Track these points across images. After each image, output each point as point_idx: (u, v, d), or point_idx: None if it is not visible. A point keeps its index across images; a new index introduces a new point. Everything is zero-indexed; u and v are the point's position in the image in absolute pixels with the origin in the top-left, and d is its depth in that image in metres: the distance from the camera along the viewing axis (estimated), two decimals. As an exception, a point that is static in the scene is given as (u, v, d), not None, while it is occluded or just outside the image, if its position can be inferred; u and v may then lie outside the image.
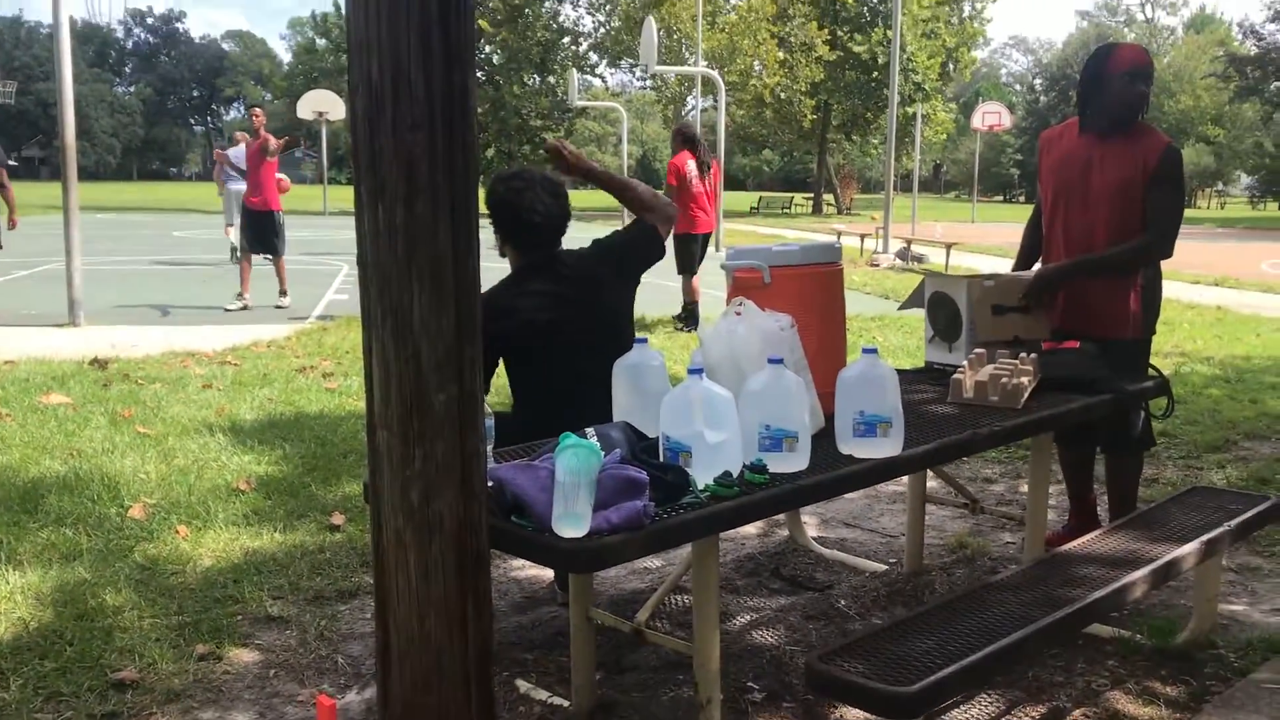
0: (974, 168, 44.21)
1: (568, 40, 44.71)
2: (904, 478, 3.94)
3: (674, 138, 10.47)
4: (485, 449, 1.94)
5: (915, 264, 17.71)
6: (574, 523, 2.03)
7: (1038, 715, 2.84)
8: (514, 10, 40.65)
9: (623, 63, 45.91)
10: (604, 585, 3.70)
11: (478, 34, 36.39)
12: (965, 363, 3.30)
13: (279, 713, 2.85)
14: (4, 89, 59.53)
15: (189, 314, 10.64)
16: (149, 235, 23.01)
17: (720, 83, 24.11)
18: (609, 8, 45.31)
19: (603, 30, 45.70)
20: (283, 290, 11.31)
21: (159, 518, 4.25)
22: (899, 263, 17.85)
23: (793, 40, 42.41)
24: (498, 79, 41.49)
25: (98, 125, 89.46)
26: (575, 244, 3.51)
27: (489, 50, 41.42)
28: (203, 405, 6.22)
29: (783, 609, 3.55)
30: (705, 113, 35.04)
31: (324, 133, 34.56)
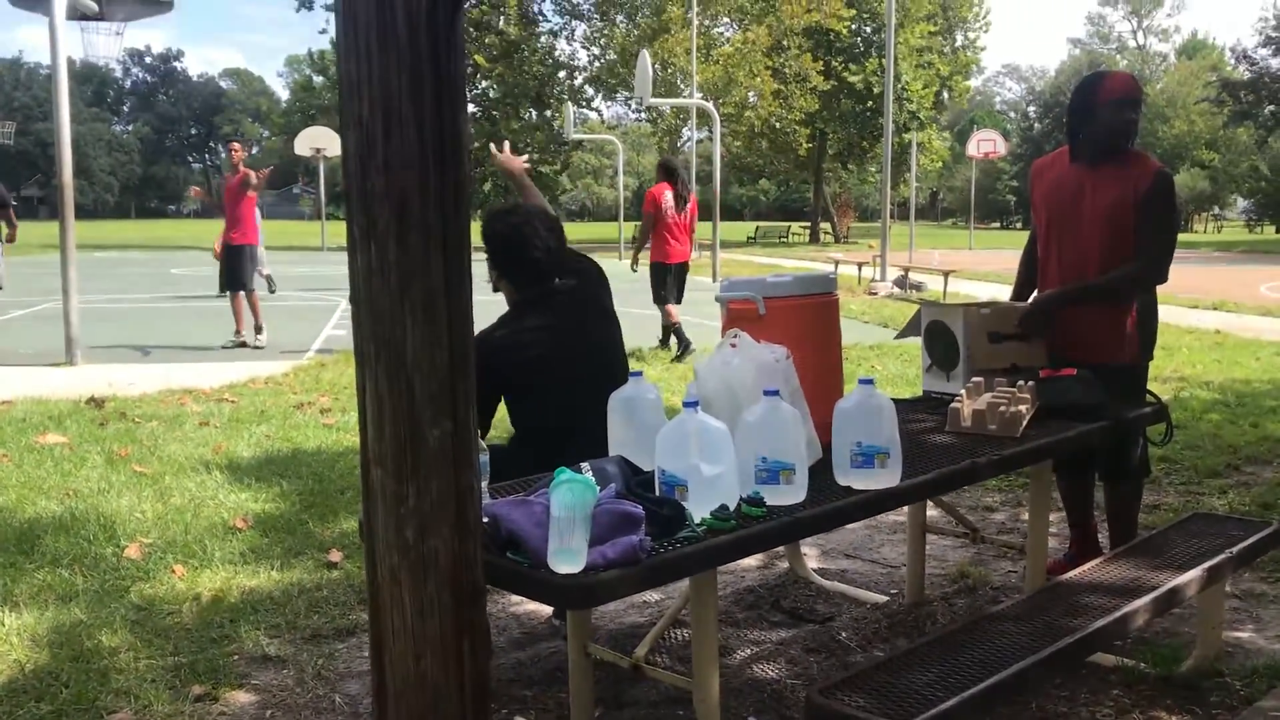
0: (970, 195, 44.39)
1: (563, 74, 45.00)
2: (904, 507, 3.92)
3: (657, 169, 10.96)
4: (480, 484, 1.93)
5: (913, 292, 17.74)
6: (569, 558, 2.02)
7: (1042, 747, 2.81)
8: (510, 45, 40.91)
9: (618, 95, 46.15)
10: (603, 620, 3.68)
11: (474, 69, 36.29)
12: (963, 391, 3.29)
13: (276, 754, 2.82)
14: (3, 129, 59.82)
15: (186, 352, 10.64)
16: (147, 273, 23.06)
17: (715, 114, 24.24)
18: (604, 41, 45.62)
19: (598, 64, 45.98)
20: (258, 324, 10.88)
21: (155, 557, 4.23)
22: (897, 291, 17.88)
23: (787, 71, 42.67)
24: (494, 113, 41.69)
25: (96, 164, 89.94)
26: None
27: (485, 85, 41.65)
28: (200, 443, 6.21)
29: (783, 642, 3.53)
30: (701, 144, 35.16)
31: (322, 169, 34.72)
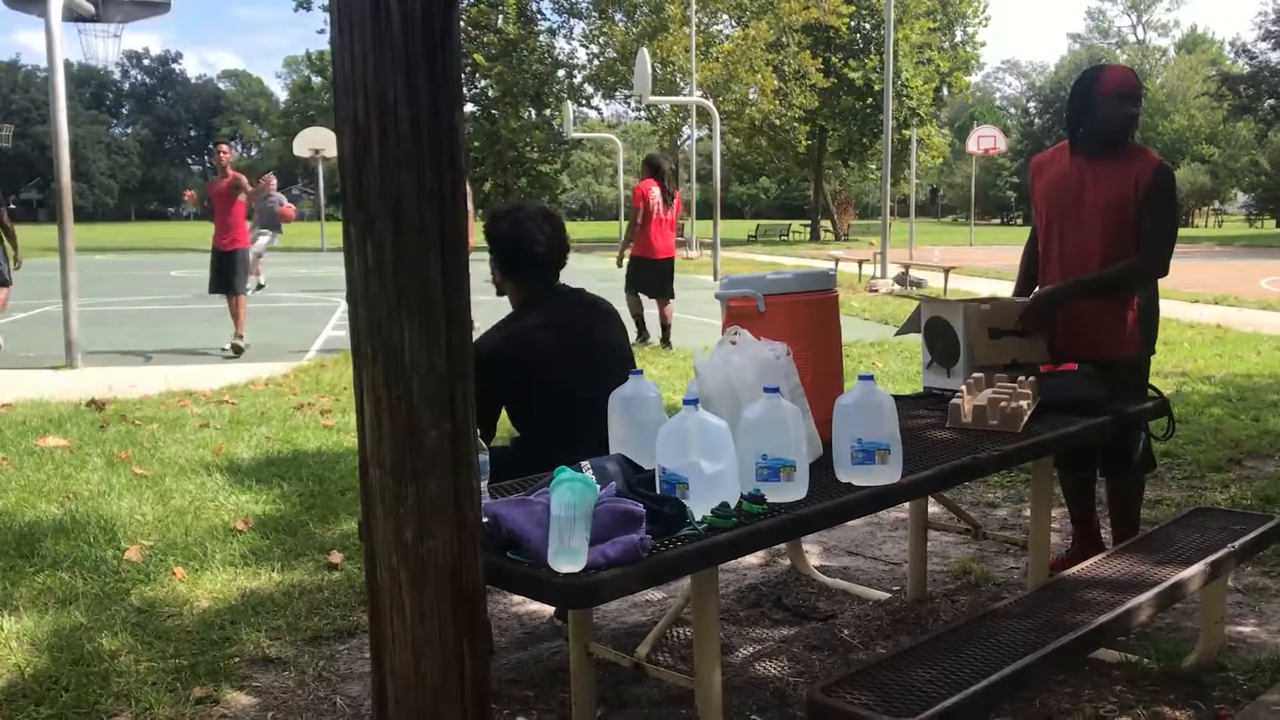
0: (970, 191, 44.40)
1: (562, 73, 45.00)
2: (905, 504, 3.91)
3: (643, 166, 11.05)
4: (480, 485, 1.92)
5: (913, 289, 17.72)
6: (570, 558, 2.01)
7: (1046, 743, 2.81)
8: (509, 44, 40.92)
9: (617, 94, 46.15)
10: (604, 619, 3.67)
11: (473, 68, 36.26)
12: (963, 387, 3.28)
13: (277, 756, 2.82)
14: (2, 133, 59.78)
15: (186, 354, 10.63)
16: (147, 276, 23.06)
17: (715, 112, 24.24)
18: (603, 39, 45.61)
19: (597, 62, 45.99)
20: (238, 334, 10.47)
21: (156, 559, 4.22)
22: (897, 288, 17.87)
23: (786, 68, 42.66)
24: (493, 113, 41.71)
25: (95, 167, 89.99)
26: (570, 274, 3.51)
27: (484, 84, 41.66)
28: (200, 445, 6.20)
29: (785, 640, 3.52)
30: (701, 142, 35.16)
31: (320, 170, 34.76)
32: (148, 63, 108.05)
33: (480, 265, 2.21)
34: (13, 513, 4.82)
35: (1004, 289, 5.13)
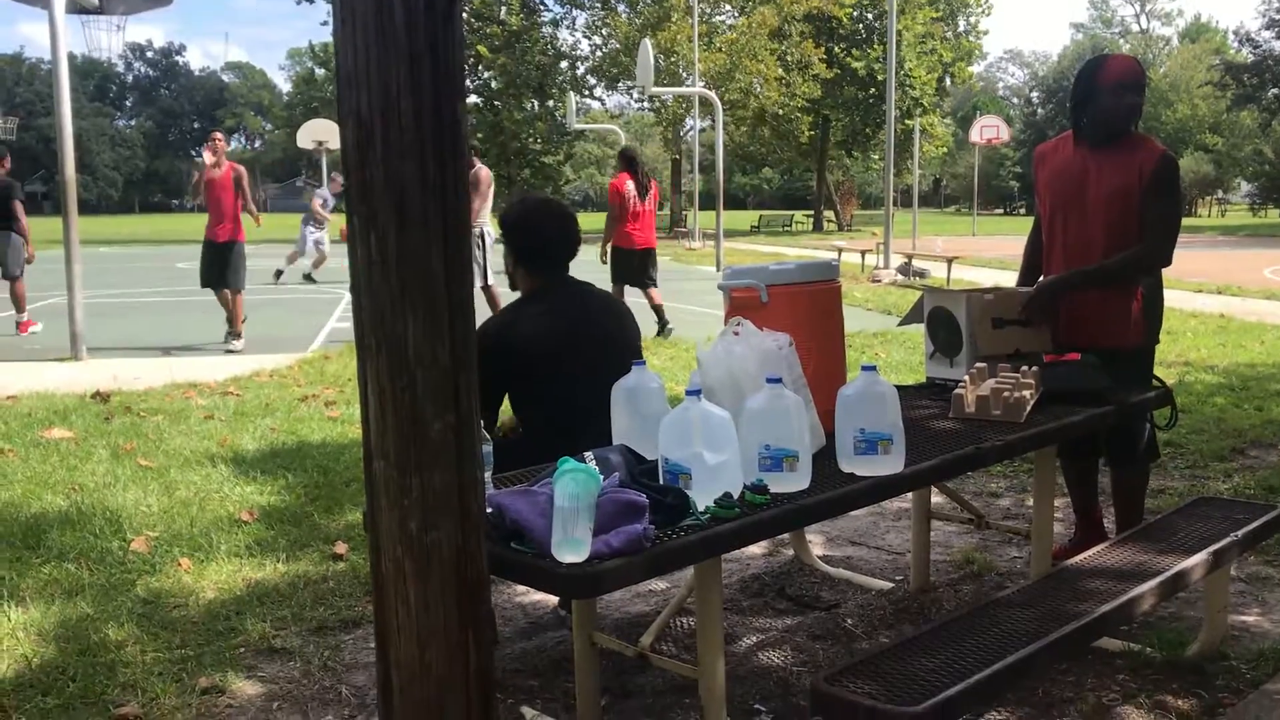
0: (973, 181, 44.29)
1: (565, 64, 44.93)
2: (908, 494, 3.92)
3: (618, 159, 11.32)
4: (483, 476, 1.93)
5: (917, 279, 17.70)
6: (574, 548, 2.02)
7: (1048, 732, 2.81)
8: (512, 36, 40.86)
9: (620, 85, 46.07)
10: (608, 609, 3.68)
11: (476, 60, 36.22)
12: (966, 377, 3.28)
13: (283, 746, 2.83)
14: (5, 125, 59.76)
15: (191, 346, 10.64)
16: (151, 268, 23.06)
17: (717, 102, 24.20)
18: (606, 30, 45.53)
19: (600, 53, 45.91)
20: (237, 330, 10.38)
21: (161, 550, 4.24)
22: (900, 278, 17.85)
23: (789, 58, 42.56)
24: (496, 104, 41.68)
25: (99, 159, 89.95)
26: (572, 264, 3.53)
27: (488, 76, 41.61)
28: (205, 436, 6.22)
29: (789, 629, 3.53)
30: (703, 132, 35.09)
31: (324, 162, 34.67)
32: (151, 54, 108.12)
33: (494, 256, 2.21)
34: (19, 504, 4.84)
35: (1007, 279, 5.13)
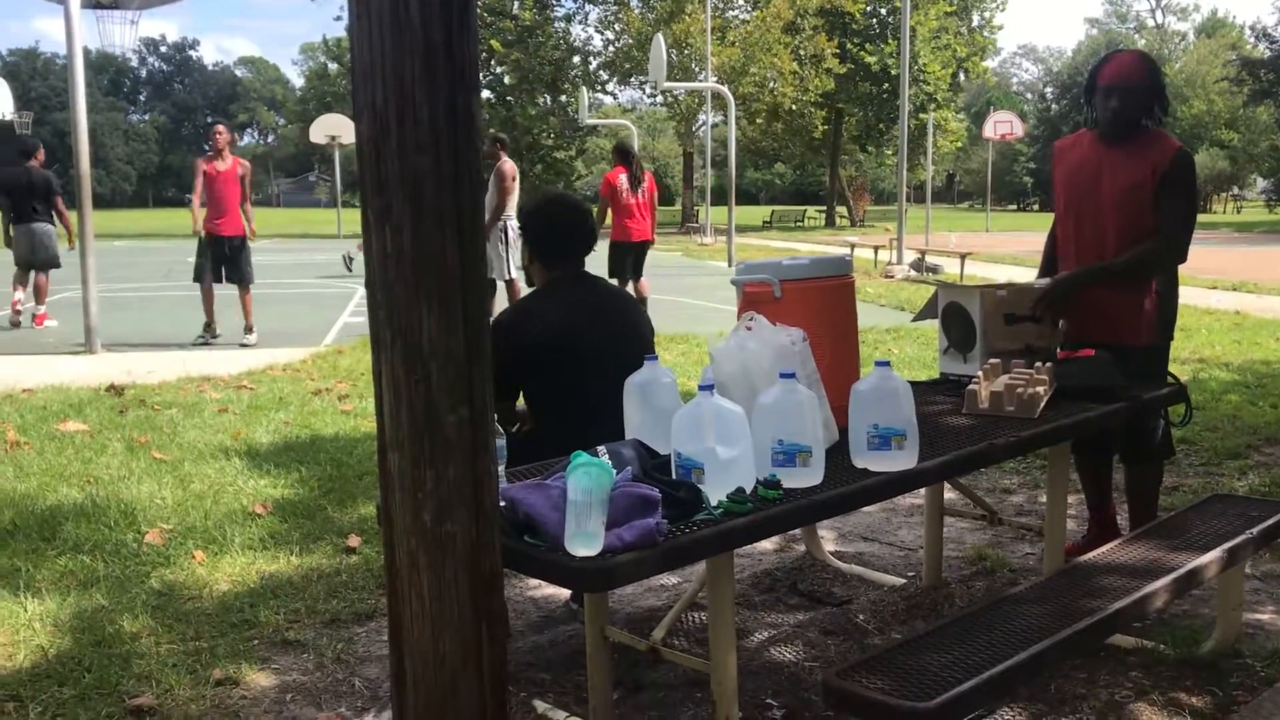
0: (987, 177, 44.11)
1: (578, 59, 44.91)
2: (921, 490, 3.91)
3: (613, 153, 11.66)
4: (497, 469, 1.94)
5: (930, 274, 17.66)
6: (587, 541, 2.03)
7: (1061, 728, 2.81)
8: (525, 31, 40.87)
9: (633, 79, 46.02)
10: (620, 603, 3.69)
11: (489, 55, 36.21)
12: (980, 373, 3.28)
13: (297, 737, 2.85)
14: (21, 119, 59.95)
15: (205, 339, 10.66)
16: (165, 261, 23.13)
17: (730, 97, 24.15)
18: (619, 26, 45.49)
19: (613, 48, 45.87)
20: (249, 326, 10.38)
21: (175, 543, 4.26)
22: (913, 274, 17.81)
23: (802, 52, 42.46)
24: (509, 99, 41.68)
25: (113, 153, 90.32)
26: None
27: (501, 71, 41.63)
28: (219, 430, 6.24)
29: (800, 625, 3.53)
30: (716, 127, 35.03)
31: (337, 156, 34.79)
32: (164, 49, 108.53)
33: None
34: (34, 496, 4.87)
35: (1020, 274, 5.11)
